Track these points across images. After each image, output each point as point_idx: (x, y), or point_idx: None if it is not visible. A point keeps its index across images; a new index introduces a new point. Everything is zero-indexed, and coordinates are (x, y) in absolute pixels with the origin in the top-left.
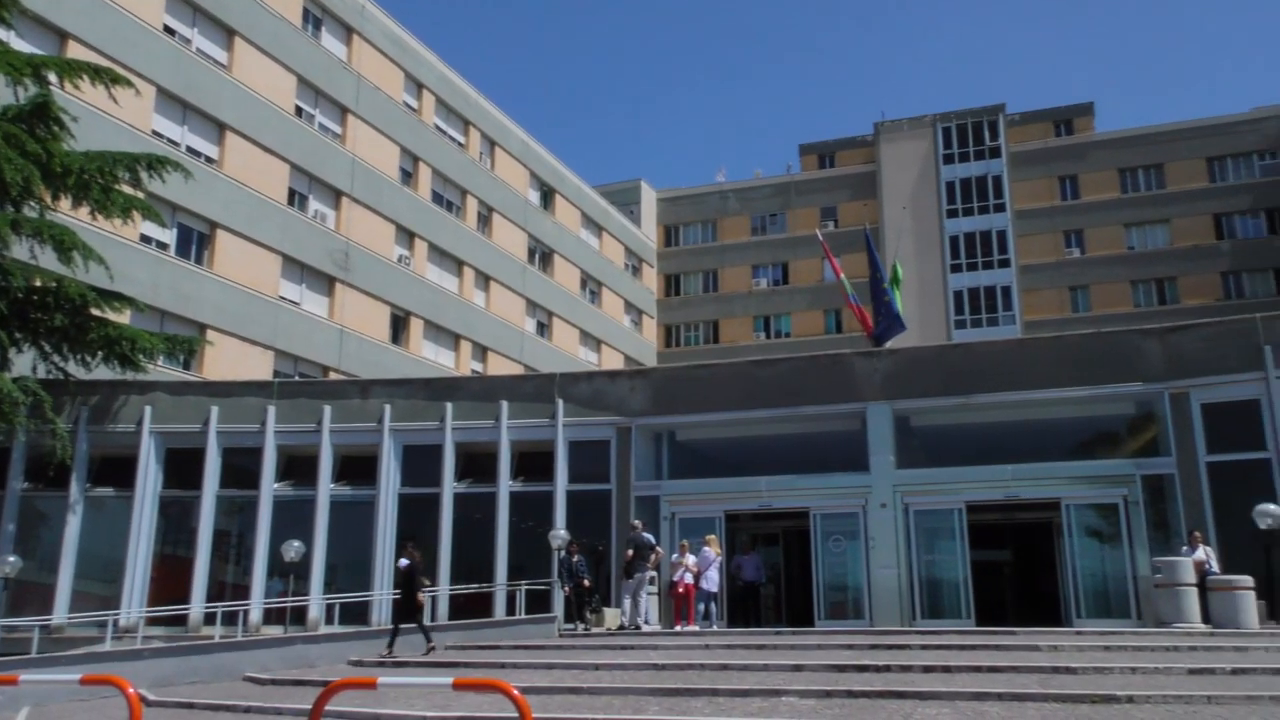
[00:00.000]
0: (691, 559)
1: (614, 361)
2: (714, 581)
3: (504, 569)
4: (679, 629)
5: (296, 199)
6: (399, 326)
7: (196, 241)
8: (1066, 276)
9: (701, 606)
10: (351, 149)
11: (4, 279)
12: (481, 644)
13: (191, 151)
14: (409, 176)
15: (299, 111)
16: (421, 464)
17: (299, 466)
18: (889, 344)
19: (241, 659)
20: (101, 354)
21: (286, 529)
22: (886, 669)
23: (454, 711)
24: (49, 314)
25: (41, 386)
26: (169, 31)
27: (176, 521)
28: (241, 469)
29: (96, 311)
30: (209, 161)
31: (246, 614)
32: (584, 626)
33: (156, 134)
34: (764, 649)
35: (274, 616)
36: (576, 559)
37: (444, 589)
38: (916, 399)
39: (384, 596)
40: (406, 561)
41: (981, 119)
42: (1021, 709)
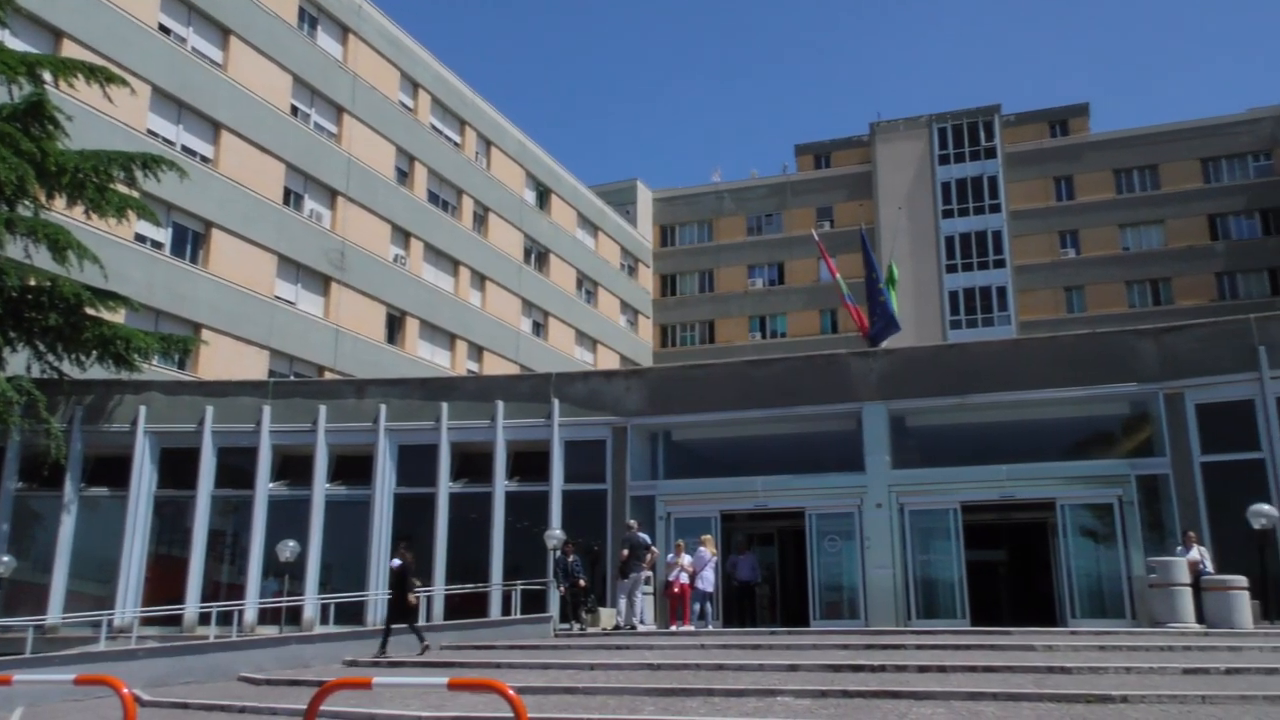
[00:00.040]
0: (687, 559)
1: (610, 361)
2: (709, 581)
3: (499, 569)
4: (674, 629)
5: (292, 198)
6: (394, 326)
7: (192, 241)
8: (1062, 277)
9: (697, 606)
10: (347, 149)
11: None
12: (477, 644)
13: (187, 151)
14: (405, 176)
15: (294, 111)
16: (417, 464)
17: (294, 466)
18: (884, 344)
19: (236, 659)
20: (96, 353)
21: (282, 529)
22: (882, 669)
23: (449, 711)
24: (43, 313)
25: (36, 386)
26: (164, 30)
27: (171, 521)
28: (236, 469)
29: (91, 311)
30: (204, 161)
31: (241, 614)
32: (579, 626)
33: (151, 133)
34: (759, 649)
35: (269, 616)
36: (572, 559)
37: (439, 589)
38: (912, 399)
39: (379, 596)
40: (399, 562)
41: (977, 119)
42: (1016, 709)
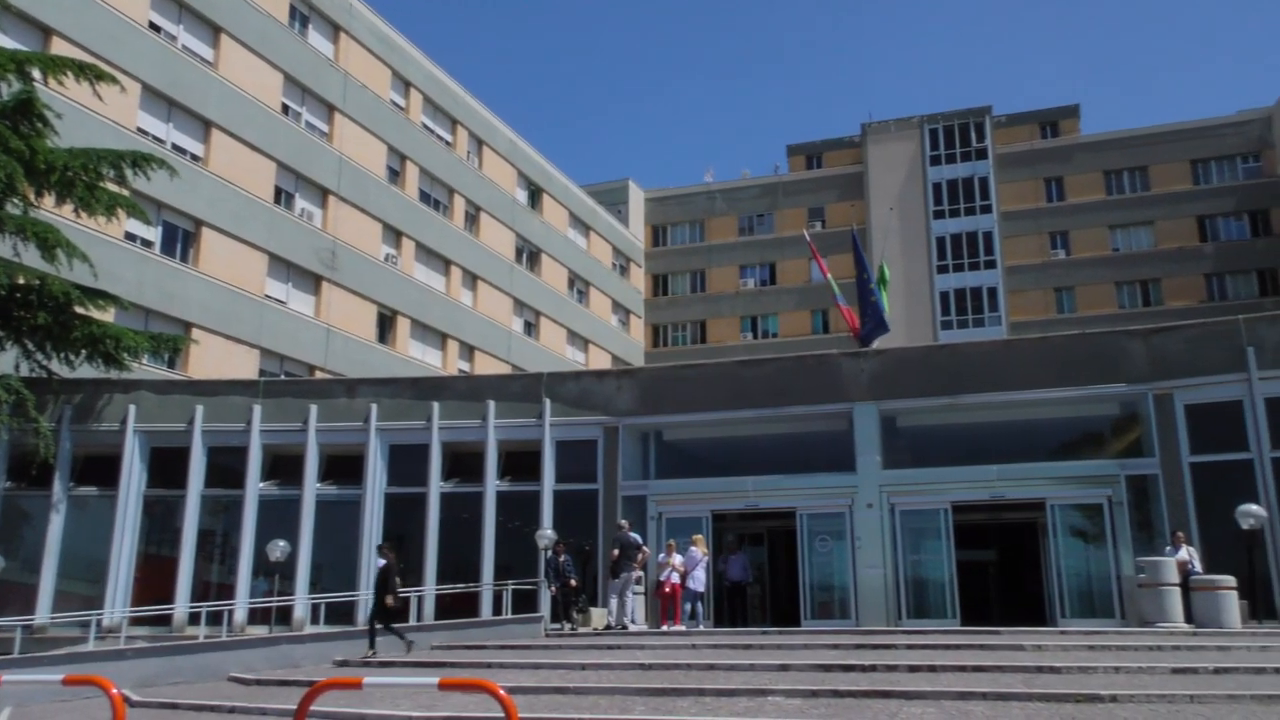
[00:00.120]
0: (678, 559)
1: (601, 361)
2: (700, 581)
3: (490, 569)
4: (665, 629)
5: (283, 197)
6: (386, 326)
7: (182, 239)
8: (1052, 278)
9: (688, 606)
10: (339, 147)
11: None
12: (468, 644)
13: (177, 149)
14: (396, 175)
15: (285, 109)
16: (408, 463)
17: (285, 466)
18: (875, 344)
19: (226, 659)
20: (85, 352)
21: (272, 529)
22: (872, 669)
23: (440, 711)
24: (32, 312)
25: (24, 385)
26: (154, 28)
27: (161, 521)
28: (227, 468)
29: (80, 309)
30: (194, 159)
31: (231, 614)
32: (570, 626)
33: (142, 131)
34: (750, 649)
35: (259, 616)
36: (563, 559)
37: (430, 589)
38: (903, 399)
39: (370, 596)
40: (383, 562)
41: (968, 121)
42: (1006, 708)
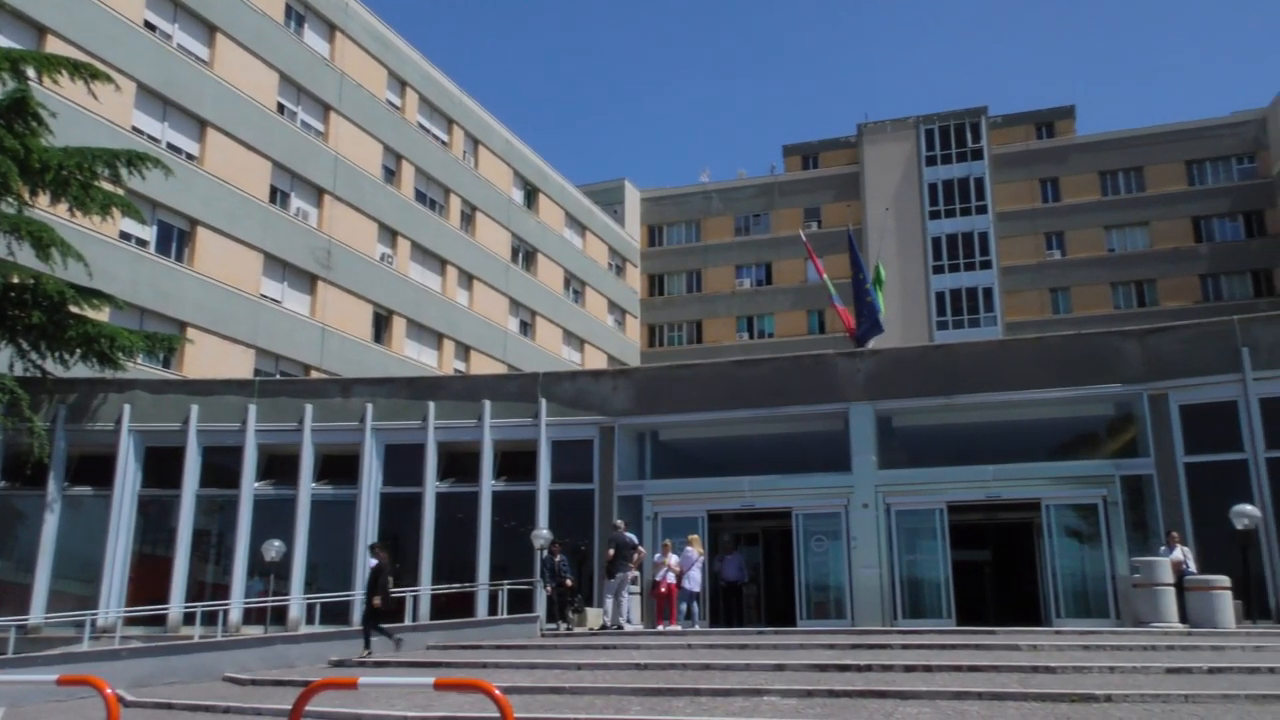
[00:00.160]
0: (674, 559)
1: (597, 361)
2: (696, 581)
3: (486, 569)
4: (661, 629)
5: (278, 196)
6: (381, 325)
7: (177, 239)
8: (1047, 278)
9: (684, 606)
10: (334, 147)
11: None
12: (463, 644)
13: (172, 148)
14: (392, 175)
15: (281, 109)
16: (403, 463)
17: (280, 465)
18: (870, 345)
19: (221, 659)
20: (80, 352)
21: (267, 528)
22: (868, 668)
23: (435, 711)
24: (26, 311)
25: (19, 384)
26: (150, 27)
27: (156, 521)
28: (222, 468)
29: (75, 309)
30: (190, 158)
31: (226, 614)
32: (566, 626)
33: (137, 130)
34: (746, 649)
35: (254, 616)
36: (559, 559)
37: (425, 589)
38: (898, 399)
39: (364, 597)
40: (375, 562)
41: (964, 121)
42: (1001, 708)
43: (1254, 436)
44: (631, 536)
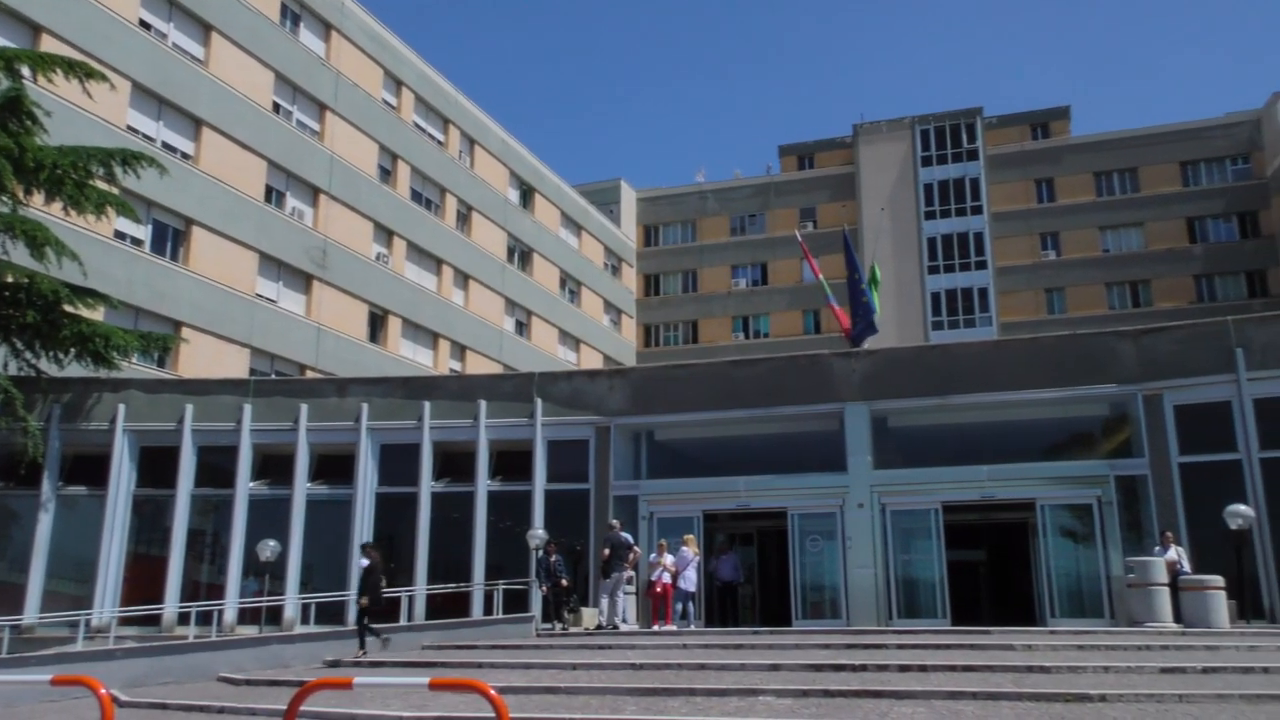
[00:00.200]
0: (669, 559)
1: (593, 361)
2: (692, 581)
3: (481, 568)
4: (656, 629)
5: (274, 196)
6: (377, 325)
7: (172, 238)
8: (1042, 278)
9: (679, 606)
10: (330, 146)
11: None
12: (459, 644)
13: (167, 147)
14: (388, 174)
15: (276, 108)
16: (399, 463)
17: (275, 465)
18: (865, 345)
19: (216, 659)
20: (74, 351)
21: (262, 528)
22: (863, 668)
23: (430, 711)
24: (21, 310)
25: (13, 383)
26: (145, 26)
27: (150, 520)
28: (217, 467)
29: (69, 308)
30: (185, 158)
31: (221, 614)
32: (562, 626)
33: (131, 129)
34: (741, 649)
35: (249, 616)
36: (554, 559)
37: (421, 589)
38: (894, 399)
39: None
40: (367, 562)
41: (959, 121)
42: (996, 708)
43: (1248, 437)
44: (627, 536)
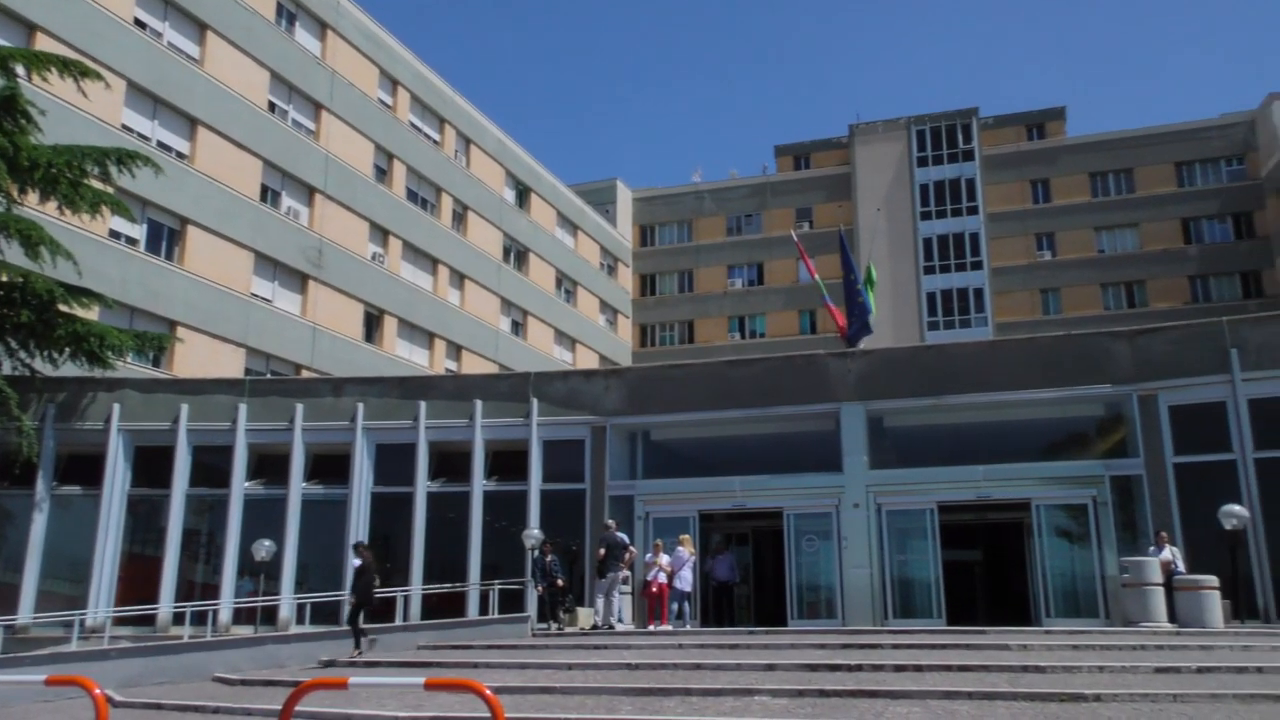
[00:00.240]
0: (665, 559)
1: (589, 361)
2: (687, 581)
3: (477, 568)
4: (652, 629)
5: (269, 195)
6: (372, 324)
7: (167, 237)
8: (1038, 279)
9: (675, 606)
10: (325, 145)
11: None
12: (454, 644)
13: (162, 146)
14: (383, 174)
15: (272, 107)
16: (395, 463)
17: (270, 465)
18: (861, 345)
19: (211, 659)
20: (69, 350)
21: (257, 528)
22: (858, 668)
23: (426, 711)
24: (15, 310)
25: (7, 383)
26: (140, 25)
27: (145, 520)
28: (212, 467)
29: (64, 307)
30: (180, 157)
31: (216, 614)
32: (557, 626)
33: (126, 128)
34: (737, 648)
35: (244, 616)
36: (550, 558)
37: (416, 588)
38: (890, 400)
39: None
40: (359, 561)
41: (955, 122)
42: (991, 707)
43: (1242, 437)
44: (623, 536)
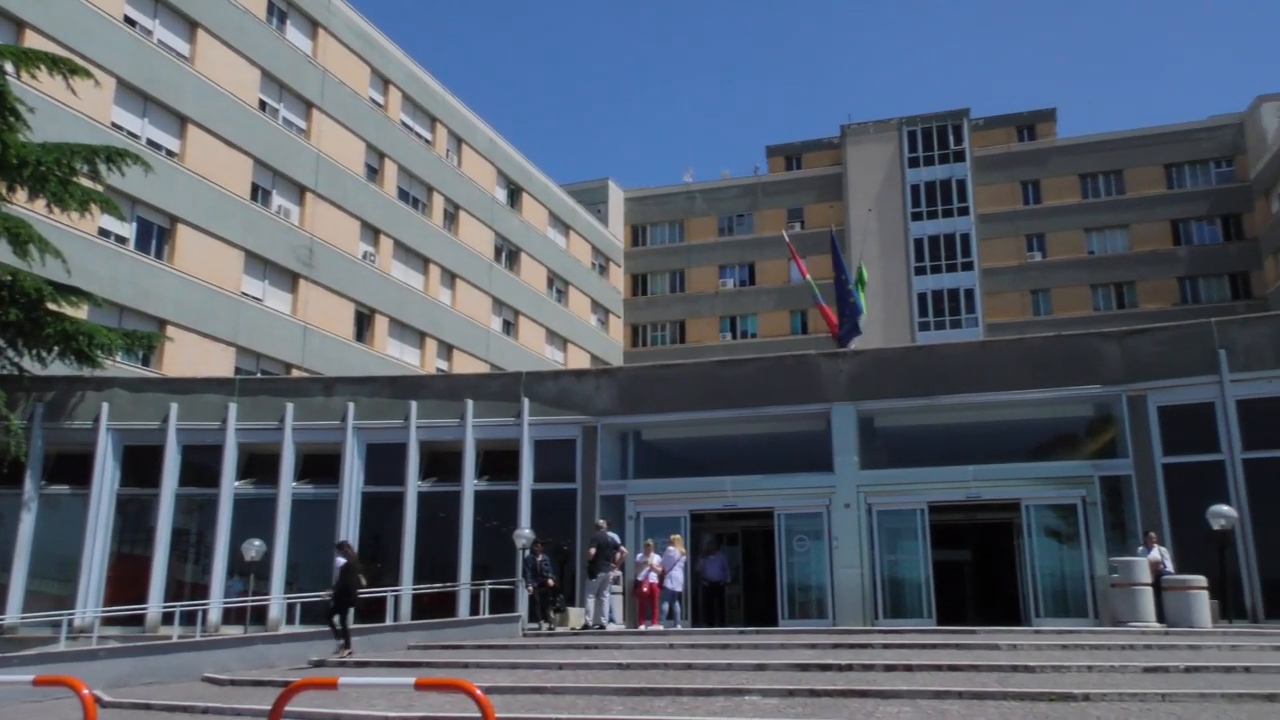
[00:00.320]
0: (656, 558)
1: (580, 361)
2: (678, 581)
3: (468, 568)
4: (643, 628)
5: (260, 194)
6: (363, 324)
7: (157, 236)
8: (1028, 280)
9: (666, 606)
10: (316, 144)
11: None
12: (445, 644)
13: (152, 144)
14: (374, 173)
15: (263, 106)
16: (385, 462)
17: (260, 464)
18: (852, 345)
19: (200, 659)
20: (58, 349)
21: (247, 528)
22: (849, 668)
23: (416, 711)
24: (4, 308)
25: None
26: (129, 22)
27: (134, 520)
28: (201, 467)
29: (53, 306)
30: (170, 155)
31: (205, 614)
32: (548, 626)
33: (116, 126)
34: (728, 648)
35: (234, 616)
36: (541, 558)
37: (407, 588)
38: (880, 400)
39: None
40: (343, 560)
41: (946, 123)
42: (981, 707)
43: (1230, 438)
44: (614, 536)
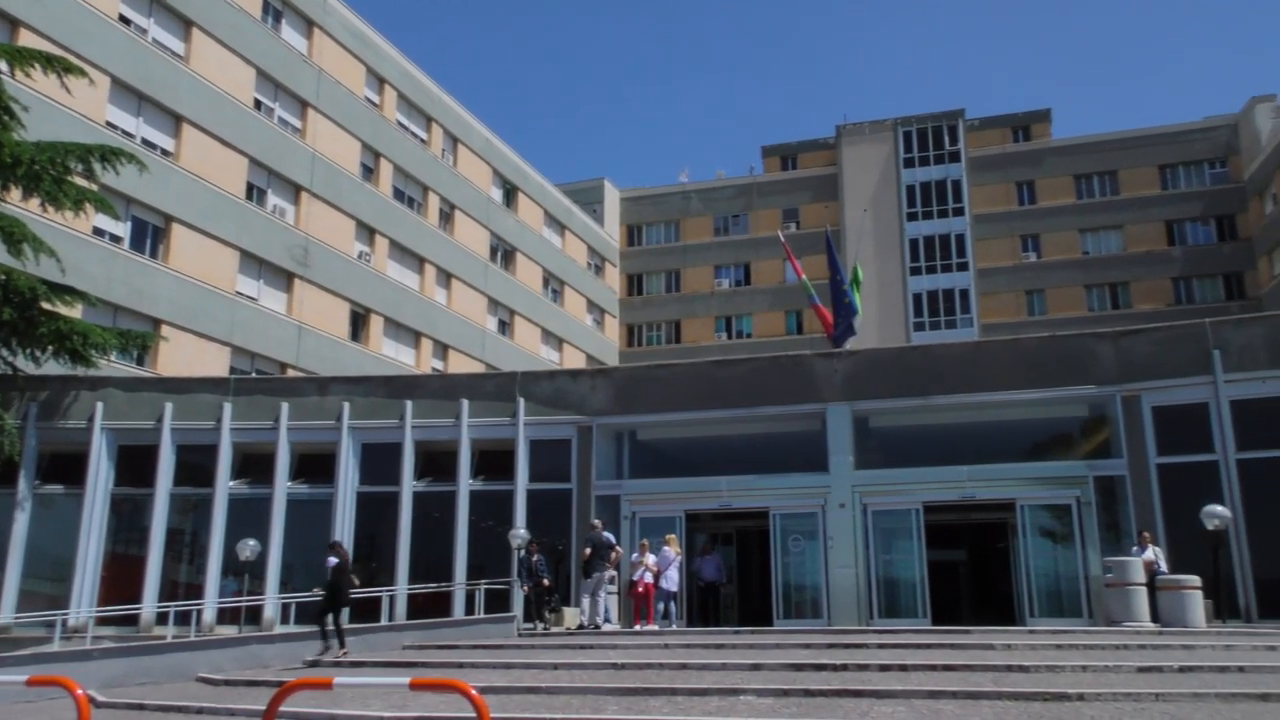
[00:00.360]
0: (651, 558)
1: (576, 360)
2: (674, 581)
3: (463, 568)
4: (638, 628)
5: (255, 193)
6: (358, 323)
7: (151, 235)
8: (1023, 280)
9: (661, 606)
10: (312, 144)
11: None
12: (440, 644)
13: (147, 144)
14: (370, 172)
15: (258, 105)
16: (381, 462)
17: (255, 464)
18: (847, 345)
19: (194, 659)
20: (52, 349)
21: (242, 528)
22: (844, 668)
23: (411, 712)
24: None
25: None
26: (124, 21)
27: (128, 520)
28: (196, 466)
29: (47, 305)
30: (165, 154)
31: (200, 614)
32: (543, 626)
33: (111, 125)
34: (723, 648)
35: (228, 616)
36: (536, 558)
37: (402, 588)
38: (875, 400)
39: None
40: (335, 560)
41: (941, 124)
42: (976, 707)
43: (1224, 438)
44: (609, 536)
